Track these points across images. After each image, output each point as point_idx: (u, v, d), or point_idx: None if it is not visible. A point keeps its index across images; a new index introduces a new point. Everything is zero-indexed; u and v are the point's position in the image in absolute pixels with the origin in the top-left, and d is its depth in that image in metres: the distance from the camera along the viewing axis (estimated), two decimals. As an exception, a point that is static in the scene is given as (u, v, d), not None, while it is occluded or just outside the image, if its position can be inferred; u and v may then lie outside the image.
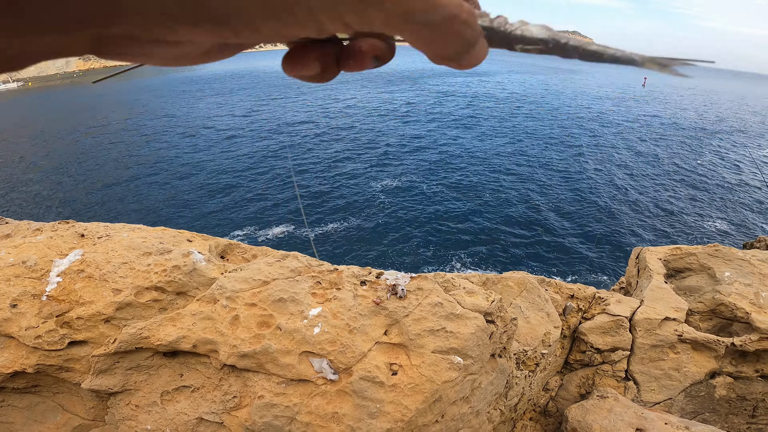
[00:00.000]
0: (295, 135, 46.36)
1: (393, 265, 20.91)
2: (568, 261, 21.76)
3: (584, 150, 42.36)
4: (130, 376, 2.89)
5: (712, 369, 4.91)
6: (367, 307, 3.13)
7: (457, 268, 21.49)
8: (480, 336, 3.32)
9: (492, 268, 21.17)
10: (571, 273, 20.73)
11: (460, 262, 21.80)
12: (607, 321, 4.56)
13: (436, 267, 21.29)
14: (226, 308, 2.84)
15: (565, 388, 5.41)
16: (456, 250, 22.65)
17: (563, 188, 31.91)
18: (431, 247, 22.99)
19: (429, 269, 21.13)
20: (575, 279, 20.26)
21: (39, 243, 2.81)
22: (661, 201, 30.09)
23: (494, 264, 21.51)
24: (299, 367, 2.94)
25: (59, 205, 28.86)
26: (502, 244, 23.40)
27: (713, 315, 4.87)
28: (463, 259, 22.04)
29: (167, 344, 2.73)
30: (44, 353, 2.69)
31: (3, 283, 2.66)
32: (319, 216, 26.17)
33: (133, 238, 2.95)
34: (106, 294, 2.67)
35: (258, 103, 66.64)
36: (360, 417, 3.01)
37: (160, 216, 27.17)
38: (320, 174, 33.60)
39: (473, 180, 32.86)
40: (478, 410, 3.80)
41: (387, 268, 12.79)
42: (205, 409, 2.96)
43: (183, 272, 2.85)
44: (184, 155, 39.82)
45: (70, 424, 3.07)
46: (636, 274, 5.35)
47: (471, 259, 21.83)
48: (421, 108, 60.38)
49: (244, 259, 3.43)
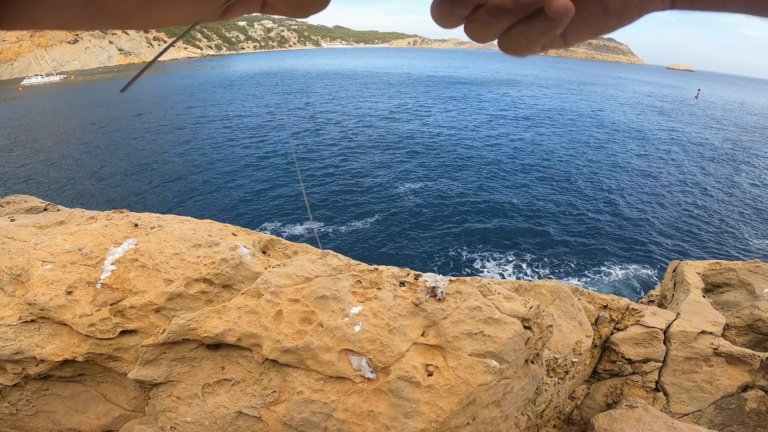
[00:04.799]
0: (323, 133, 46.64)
1: (421, 267, 20.92)
2: (600, 271, 21.48)
3: (628, 160, 41.59)
4: (174, 368, 2.95)
5: (745, 382, 4.82)
6: (406, 308, 3.15)
7: (484, 271, 21.37)
8: (517, 341, 3.31)
9: (523, 275, 20.99)
10: (602, 284, 20.46)
11: (489, 266, 21.67)
12: (640, 332, 4.50)
13: (459, 271, 21.22)
14: (270, 303, 2.89)
15: (591, 397, 5.36)
16: (484, 255, 22.53)
17: (599, 197, 31.41)
18: (459, 250, 22.92)
19: (454, 273, 21.08)
20: (600, 288, 19.99)
21: (94, 231, 2.89)
22: (699, 215, 29.44)
23: (525, 271, 21.33)
24: (338, 364, 2.98)
25: (99, 194, 29.64)
26: (533, 251, 23.20)
27: (750, 330, 4.77)
28: (490, 263, 21.91)
29: (213, 336, 2.78)
30: (96, 342, 2.76)
31: (59, 269, 2.74)
32: (332, 215, 26.24)
33: (184, 229, 3.01)
34: (158, 284, 2.73)
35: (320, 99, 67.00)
36: (395, 416, 3.03)
37: (185, 207, 27.71)
38: (336, 174, 33.71)
39: (504, 185, 32.63)
40: (508, 414, 3.79)
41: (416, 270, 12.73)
42: (244, 402, 3.01)
43: (230, 265, 2.91)
44: (216, 149, 40.45)
45: (110, 414, 3.15)
46: (672, 287, 5.27)
47: (499, 265, 21.70)
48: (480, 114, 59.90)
49: (285, 255, 3.48)
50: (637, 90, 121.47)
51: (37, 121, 54.04)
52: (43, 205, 4.04)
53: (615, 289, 20.27)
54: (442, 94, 79.57)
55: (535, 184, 33.62)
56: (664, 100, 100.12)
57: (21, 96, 77.28)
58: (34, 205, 4.13)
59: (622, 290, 20.32)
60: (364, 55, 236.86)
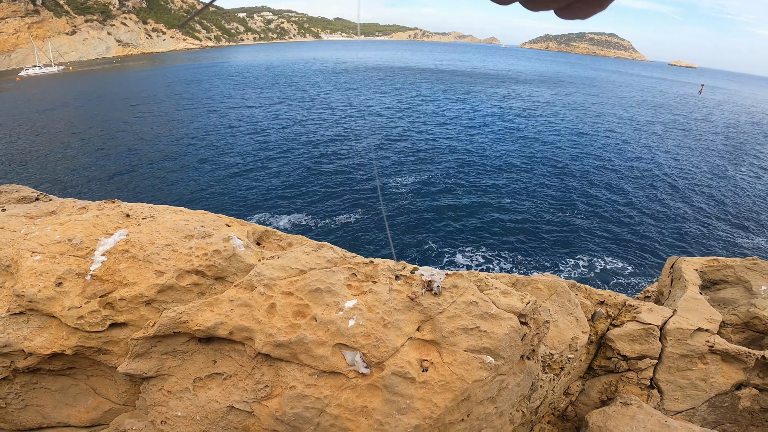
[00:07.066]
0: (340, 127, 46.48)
1: (425, 260, 20.88)
2: (597, 266, 21.49)
3: (621, 158, 41.49)
4: (165, 361, 2.91)
5: (739, 380, 4.82)
6: (401, 302, 3.11)
7: (480, 266, 21.36)
8: (513, 337, 3.29)
9: (519, 269, 20.97)
10: (599, 280, 20.48)
11: (486, 262, 21.67)
12: (637, 329, 4.48)
13: (454, 265, 21.21)
14: (264, 296, 2.85)
15: (586, 393, 5.35)
16: (480, 250, 22.51)
17: (596, 194, 31.35)
18: (455, 245, 22.90)
19: (450, 268, 21.07)
20: (603, 285, 20.02)
21: (85, 221, 2.84)
22: (697, 212, 29.41)
23: (522, 265, 21.33)
24: (332, 359, 2.94)
25: (94, 184, 29.47)
26: (530, 245, 23.17)
27: (746, 328, 4.75)
28: (488, 259, 21.89)
29: (205, 330, 2.74)
30: (85, 335, 2.72)
31: (48, 260, 2.69)
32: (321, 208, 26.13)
33: (176, 220, 2.96)
34: (149, 276, 2.69)
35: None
36: (389, 412, 3.00)
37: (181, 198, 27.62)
38: (327, 168, 33.54)
39: (502, 181, 32.55)
40: (503, 411, 3.77)
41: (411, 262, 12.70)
42: (236, 397, 2.97)
43: (223, 257, 2.86)
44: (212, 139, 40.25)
45: (100, 408, 3.11)
46: (669, 283, 5.24)
47: (496, 260, 21.69)
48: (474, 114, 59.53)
49: (279, 246, 3.43)
50: (642, 84, 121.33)
51: (33, 112, 53.66)
52: (35, 195, 3.99)
53: (611, 285, 20.31)
54: (439, 89, 79.21)
55: (535, 179, 33.58)
56: (666, 97, 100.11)
57: (18, 87, 76.70)
58: (26, 195, 4.07)
59: (619, 285, 20.36)
60: (365, 46, 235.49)
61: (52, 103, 59.57)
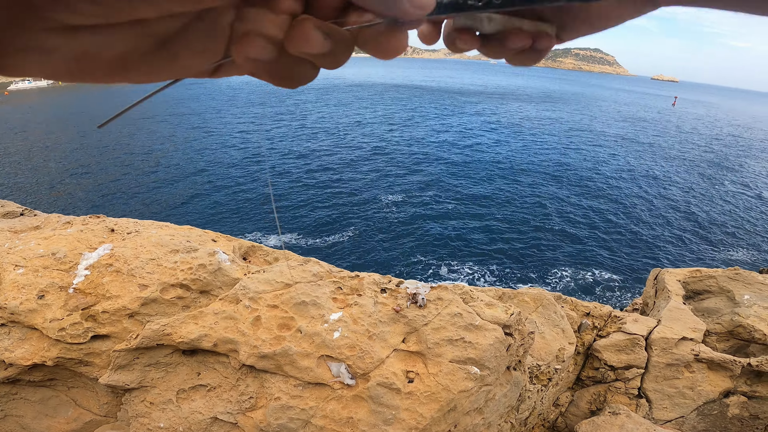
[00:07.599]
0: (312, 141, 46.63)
1: (402, 275, 20.88)
2: (583, 279, 21.64)
3: (605, 170, 42.02)
4: (147, 373, 2.90)
5: (727, 388, 4.87)
6: (386, 314, 3.13)
7: (466, 280, 21.40)
8: (498, 348, 3.31)
9: (505, 283, 21.02)
10: (585, 292, 20.58)
11: (472, 276, 21.72)
12: (622, 339, 4.52)
13: (440, 278, 21.23)
14: (249, 309, 2.85)
15: (575, 404, 5.36)
16: (467, 264, 22.57)
17: (581, 206, 31.67)
18: (442, 258, 22.93)
19: (437, 281, 21.08)
20: (589, 297, 20.10)
21: (69, 236, 2.84)
22: (679, 225, 29.79)
23: (508, 279, 21.40)
24: (317, 370, 2.94)
25: (81, 201, 29.25)
26: (516, 259, 23.29)
27: (731, 336, 4.82)
28: (474, 273, 21.95)
29: (189, 342, 2.74)
30: (66, 346, 2.70)
31: (31, 273, 2.69)
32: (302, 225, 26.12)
33: (162, 235, 2.97)
34: (133, 289, 2.69)
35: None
36: (375, 423, 3.00)
37: (169, 214, 27.45)
38: (315, 183, 33.60)
39: (488, 193, 32.79)
40: (490, 422, 3.77)
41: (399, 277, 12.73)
42: (220, 408, 2.96)
43: (208, 271, 2.87)
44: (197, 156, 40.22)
45: (81, 419, 3.08)
46: (654, 294, 5.31)
47: (482, 274, 21.75)
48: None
49: (266, 261, 3.45)
50: (619, 99, 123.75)
51: (20, 126, 53.33)
52: (20, 210, 3.97)
53: (597, 297, 20.43)
54: (429, 104, 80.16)
55: (521, 192, 33.89)
56: (637, 108, 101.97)
57: (7, 101, 76.26)
58: (11, 209, 4.06)
59: (605, 298, 20.50)
60: (355, 63, 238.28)
61: (40, 117, 59.32)
